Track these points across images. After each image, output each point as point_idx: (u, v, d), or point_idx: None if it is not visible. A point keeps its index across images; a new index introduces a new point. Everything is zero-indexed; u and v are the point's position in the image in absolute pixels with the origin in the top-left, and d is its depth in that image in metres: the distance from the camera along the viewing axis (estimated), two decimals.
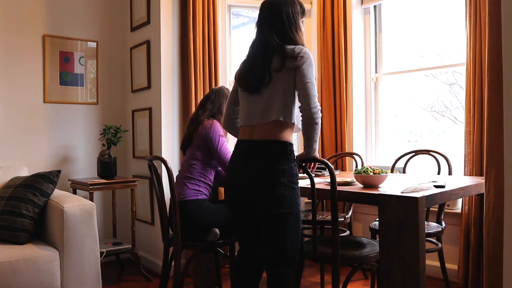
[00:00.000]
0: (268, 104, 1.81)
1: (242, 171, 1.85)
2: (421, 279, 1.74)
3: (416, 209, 1.74)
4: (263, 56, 1.82)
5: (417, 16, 3.46)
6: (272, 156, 1.77)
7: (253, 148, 1.83)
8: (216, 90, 2.70)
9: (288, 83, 1.80)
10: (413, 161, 3.04)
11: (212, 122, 2.51)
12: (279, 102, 1.80)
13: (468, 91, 2.77)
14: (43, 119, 3.33)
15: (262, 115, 1.82)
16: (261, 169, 1.78)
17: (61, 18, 3.41)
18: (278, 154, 1.78)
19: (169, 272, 2.46)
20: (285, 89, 1.80)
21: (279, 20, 1.85)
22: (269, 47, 1.81)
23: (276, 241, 1.79)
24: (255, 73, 1.83)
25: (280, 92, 1.80)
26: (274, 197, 1.76)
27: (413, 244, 1.74)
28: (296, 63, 1.77)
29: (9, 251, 2.25)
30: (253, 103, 1.86)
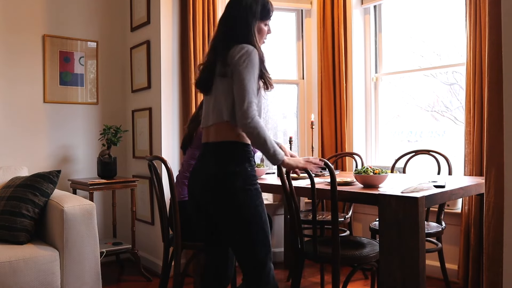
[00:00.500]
0: (217, 104, 1.73)
1: (196, 175, 1.78)
2: (421, 279, 1.74)
3: (416, 209, 1.74)
4: (209, 57, 1.78)
5: (417, 16, 3.46)
6: (222, 159, 1.69)
7: (207, 150, 1.77)
8: None
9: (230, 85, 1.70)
10: (413, 161, 3.04)
11: None
12: (227, 102, 1.70)
13: (468, 91, 2.77)
14: (43, 119, 3.32)
15: (214, 116, 1.74)
16: (212, 173, 1.70)
17: (61, 18, 3.41)
18: (229, 156, 1.69)
19: (169, 272, 2.46)
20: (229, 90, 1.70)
21: (231, 17, 1.77)
22: (215, 49, 1.76)
23: (240, 247, 1.72)
24: (202, 75, 1.80)
25: (227, 92, 1.70)
26: (229, 203, 1.68)
27: (413, 244, 1.74)
28: (233, 65, 1.66)
29: (9, 251, 2.25)
30: (207, 103, 1.81)
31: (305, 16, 3.79)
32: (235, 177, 1.67)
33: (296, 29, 3.81)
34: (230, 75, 1.67)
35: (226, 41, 1.72)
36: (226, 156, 1.70)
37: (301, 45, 3.81)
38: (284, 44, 3.85)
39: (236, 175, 1.67)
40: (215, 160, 1.71)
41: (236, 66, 1.64)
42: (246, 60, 1.64)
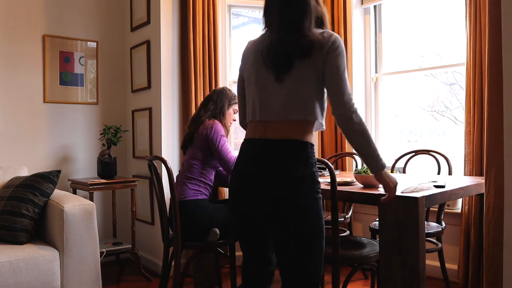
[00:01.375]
0: (290, 97, 1.50)
1: (252, 177, 1.53)
2: (421, 279, 1.74)
3: (416, 209, 1.74)
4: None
5: (417, 16, 3.46)
6: (291, 160, 1.48)
7: (267, 149, 1.52)
8: (218, 90, 2.70)
9: (314, 74, 1.50)
10: (413, 161, 3.04)
11: (214, 122, 2.51)
12: (303, 95, 1.50)
13: (468, 91, 2.77)
14: (43, 119, 3.32)
15: (282, 110, 1.51)
16: (277, 175, 1.48)
17: (61, 18, 3.41)
18: (298, 157, 1.49)
19: (169, 272, 2.46)
20: (310, 80, 1.50)
21: None
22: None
23: (297, 261, 1.51)
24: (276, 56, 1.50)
25: (305, 84, 1.49)
26: (295, 209, 1.47)
27: (413, 244, 1.74)
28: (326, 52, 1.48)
29: (9, 251, 2.25)
30: (280, 91, 1.51)
31: None
32: (306, 181, 1.49)
33: None
34: (321, 65, 1.48)
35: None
36: (295, 157, 1.49)
37: None
38: None
39: (306, 179, 1.49)
40: (282, 160, 1.49)
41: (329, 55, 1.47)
42: (339, 49, 1.49)
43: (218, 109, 2.61)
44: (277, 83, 1.51)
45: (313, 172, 1.51)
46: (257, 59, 1.56)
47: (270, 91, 1.53)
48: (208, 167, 2.53)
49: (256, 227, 1.59)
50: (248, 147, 1.58)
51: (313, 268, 1.53)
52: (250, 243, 1.63)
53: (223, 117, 2.61)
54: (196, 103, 3.20)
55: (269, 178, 1.50)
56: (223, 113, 2.62)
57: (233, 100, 2.68)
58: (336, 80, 1.49)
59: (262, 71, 1.54)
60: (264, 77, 1.54)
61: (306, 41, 1.47)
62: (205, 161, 2.51)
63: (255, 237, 1.61)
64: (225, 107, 2.63)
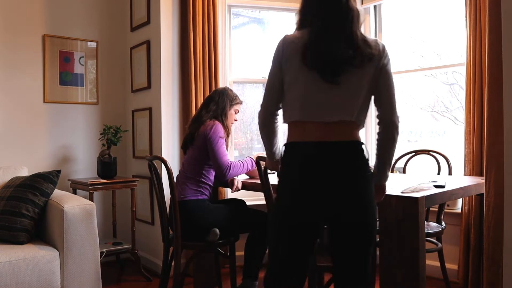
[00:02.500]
0: (345, 101, 1.50)
1: (317, 179, 1.47)
2: (421, 279, 1.74)
3: (416, 209, 1.74)
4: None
5: (417, 16, 3.46)
6: (358, 161, 1.49)
7: (332, 151, 1.48)
8: (220, 90, 2.69)
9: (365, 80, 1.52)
10: (413, 161, 3.04)
11: (214, 123, 2.51)
12: (356, 99, 1.51)
13: (468, 91, 2.77)
14: (43, 119, 3.32)
15: (339, 112, 1.49)
16: (342, 176, 1.47)
17: (61, 18, 3.41)
18: (362, 158, 1.51)
19: (169, 272, 2.46)
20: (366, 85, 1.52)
21: None
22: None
23: (358, 256, 1.52)
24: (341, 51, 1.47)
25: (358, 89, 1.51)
26: (364, 207, 1.48)
27: (413, 244, 1.74)
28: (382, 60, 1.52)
29: (9, 251, 2.25)
30: (329, 92, 1.49)
31: None
32: (370, 181, 1.51)
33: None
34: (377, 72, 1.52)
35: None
36: (358, 159, 1.50)
37: None
38: None
39: (369, 180, 1.51)
40: (350, 162, 1.49)
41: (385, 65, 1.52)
42: (388, 57, 1.54)
43: (219, 110, 2.61)
44: (330, 86, 1.48)
45: (372, 173, 1.56)
46: (305, 60, 1.50)
47: (324, 94, 1.49)
48: (208, 167, 2.53)
49: (312, 229, 1.53)
50: (306, 150, 1.51)
51: (368, 268, 1.56)
52: (299, 244, 1.54)
53: (225, 117, 2.61)
54: (196, 103, 3.20)
55: (334, 180, 1.47)
56: (225, 114, 2.61)
57: (235, 100, 2.67)
58: (390, 88, 1.56)
59: (312, 73, 1.49)
60: (314, 79, 1.49)
61: (359, 50, 1.47)
62: (205, 161, 2.51)
63: (307, 239, 1.54)
64: (227, 107, 2.63)
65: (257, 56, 3.81)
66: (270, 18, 3.91)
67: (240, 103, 2.71)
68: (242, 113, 3.58)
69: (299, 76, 1.51)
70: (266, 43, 3.85)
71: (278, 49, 1.58)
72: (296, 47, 1.52)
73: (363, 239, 1.51)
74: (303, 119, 1.52)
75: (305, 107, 1.51)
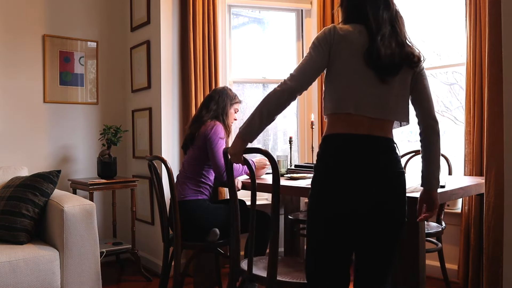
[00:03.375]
0: (397, 99, 1.56)
1: (366, 173, 1.50)
2: (421, 279, 1.74)
3: (416, 209, 1.74)
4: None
5: (417, 16, 3.46)
6: (397, 158, 1.54)
7: (378, 146, 1.52)
8: (219, 90, 2.70)
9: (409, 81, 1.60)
10: (413, 161, 3.04)
11: (215, 124, 2.51)
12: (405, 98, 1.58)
13: (468, 91, 2.77)
14: (43, 119, 3.32)
15: (390, 110, 1.55)
16: (390, 173, 1.51)
17: (61, 18, 3.41)
18: (397, 155, 1.55)
19: (169, 272, 2.46)
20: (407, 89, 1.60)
21: None
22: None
23: (384, 253, 1.55)
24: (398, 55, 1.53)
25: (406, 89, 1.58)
26: (401, 203, 1.53)
27: (413, 244, 1.74)
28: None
29: (9, 251, 2.25)
30: (384, 91, 1.53)
31: (305, 16, 3.79)
32: (403, 179, 1.55)
33: (296, 29, 3.81)
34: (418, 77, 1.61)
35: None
36: (396, 156, 1.55)
37: (301, 45, 3.81)
38: (284, 44, 3.85)
39: (403, 177, 1.55)
40: (392, 158, 1.53)
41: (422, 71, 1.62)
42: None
43: (220, 109, 2.61)
44: (383, 84, 1.53)
45: (404, 172, 1.58)
46: (359, 54, 1.52)
47: (377, 90, 1.53)
48: (208, 168, 2.53)
49: (355, 223, 1.53)
50: (352, 143, 1.52)
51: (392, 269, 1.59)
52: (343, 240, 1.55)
53: (226, 116, 2.62)
54: (196, 103, 3.20)
55: (376, 175, 1.50)
56: (226, 113, 2.62)
57: (234, 100, 2.68)
58: (429, 92, 1.61)
59: (364, 69, 1.52)
60: (367, 75, 1.52)
61: (414, 54, 1.57)
62: (205, 161, 2.51)
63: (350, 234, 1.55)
64: (227, 107, 2.63)
65: (257, 56, 3.81)
66: (270, 18, 3.91)
67: (240, 102, 2.72)
68: (242, 112, 3.58)
69: (355, 70, 1.53)
70: (266, 43, 3.85)
71: (328, 35, 1.56)
72: (351, 42, 1.54)
73: (391, 233, 1.53)
74: (356, 112, 1.52)
75: (360, 101, 1.52)
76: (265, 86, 3.80)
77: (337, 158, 1.52)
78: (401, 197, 1.53)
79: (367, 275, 1.58)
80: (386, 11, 1.57)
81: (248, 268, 1.84)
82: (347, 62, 1.54)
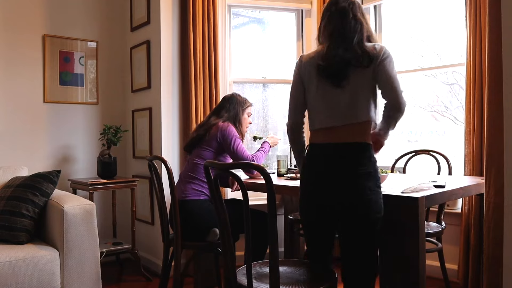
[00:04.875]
0: (352, 101, 1.72)
1: (324, 176, 1.73)
2: (421, 279, 1.74)
3: (416, 209, 1.74)
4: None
5: (417, 16, 3.46)
6: (359, 160, 1.69)
7: (339, 152, 1.72)
8: (228, 97, 2.70)
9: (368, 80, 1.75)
10: (413, 161, 3.04)
11: (228, 125, 2.54)
12: (362, 98, 1.73)
13: (468, 91, 2.77)
14: (43, 119, 3.32)
15: (347, 113, 1.73)
16: (350, 175, 1.68)
17: (61, 18, 3.41)
18: (363, 157, 1.70)
19: (169, 272, 2.46)
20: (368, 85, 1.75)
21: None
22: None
23: (361, 248, 1.72)
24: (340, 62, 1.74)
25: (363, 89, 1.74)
26: (362, 201, 1.67)
27: (413, 244, 1.74)
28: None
29: (9, 251, 2.25)
30: (341, 96, 1.73)
31: (305, 16, 3.79)
32: (370, 178, 1.68)
33: (296, 29, 3.81)
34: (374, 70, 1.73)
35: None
36: (361, 158, 1.70)
37: (301, 45, 3.81)
38: (284, 44, 3.85)
39: (370, 176, 1.68)
40: (349, 161, 1.69)
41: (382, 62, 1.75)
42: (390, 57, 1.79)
43: (232, 117, 2.61)
44: (338, 88, 1.73)
45: (376, 169, 1.72)
46: (318, 71, 1.77)
47: (335, 97, 1.74)
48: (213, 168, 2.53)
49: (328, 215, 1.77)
50: (320, 151, 1.78)
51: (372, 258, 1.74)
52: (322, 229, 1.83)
53: (239, 124, 2.63)
54: (196, 103, 3.20)
55: (340, 176, 1.70)
56: (239, 120, 2.62)
57: (245, 105, 2.69)
58: (391, 82, 1.76)
59: (322, 81, 1.76)
60: (324, 86, 1.76)
61: (361, 53, 1.72)
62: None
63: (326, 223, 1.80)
64: (239, 114, 2.63)
65: (257, 56, 3.81)
66: (270, 18, 3.91)
67: (251, 105, 2.75)
68: None
69: (317, 86, 1.78)
70: (266, 43, 3.85)
71: (298, 68, 1.87)
72: (312, 64, 1.80)
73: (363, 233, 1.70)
74: (320, 127, 1.79)
75: (323, 117, 1.77)
76: (265, 86, 3.80)
77: (309, 164, 1.81)
78: (362, 195, 1.67)
79: (347, 267, 1.76)
80: (339, 23, 1.78)
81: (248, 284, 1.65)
82: (311, 82, 1.80)
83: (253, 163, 1.71)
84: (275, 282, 1.55)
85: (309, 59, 1.83)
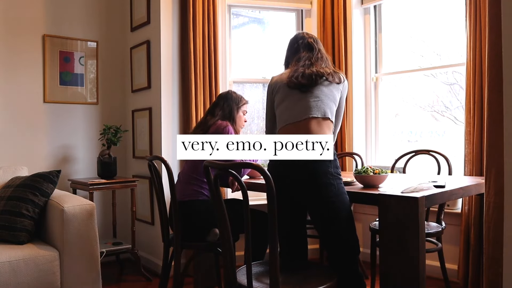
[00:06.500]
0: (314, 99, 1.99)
1: (287, 166, 1.94)
2: (421, 279, 1.74)
3: (416, 209, 1.74)
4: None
5: (417, 16, 3.46)
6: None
7: None
8: (223, 95, 2.68)
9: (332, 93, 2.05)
10: (413, 161, 3.04)
11: (227, 124, 2.52)
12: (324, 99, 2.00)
13: (468, 91, 2.77)
14: (43, 119, 3.32)
15: (308, 109, 1.97)
16: (307, 163, 1.89)
17: (61, 18, 3.41)
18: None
19: (169, 272, 2.46)
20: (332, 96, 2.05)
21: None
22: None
23: (331, 231, 1.91)
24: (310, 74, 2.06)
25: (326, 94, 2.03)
26: (322, 186, 1.87)
27: (413, 244, 1.74)
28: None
29: (9, 251, 2.25)
30: (307, 97, 2.00)
31: (305, 16, 3.80)
32: (329, 165, 1.90)
33: (296, 29, 3.81)
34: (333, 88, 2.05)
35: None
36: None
37: None
38: (284, 44, 3.84)
39: (330, 163, 1.90)
40: None
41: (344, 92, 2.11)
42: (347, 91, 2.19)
43: (226, 115, 2.58)
44: (305, 93, 2.00)
45: (335, 159, 1.96)
46: (287, 85, 2.06)
47: (296, 99, 2.01)
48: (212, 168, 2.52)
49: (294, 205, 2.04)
50: None
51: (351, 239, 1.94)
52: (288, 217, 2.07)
53: (234, 122, 2.59)
54: (196, 103, 3.20)
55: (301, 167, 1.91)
56: (233, 118, 2.59)
57: (241, 102, 2.66)
58: (340, 110, 2.12)
59: (290, 91, 2.05)
60: (291, 93, 2.04)
61: (331, 72, 2.05)
62: None
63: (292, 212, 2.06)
64: (234, 111, 2.60)
65: (257, 56, 3.81)
66: (270, 18, 3.91)
67: (247, 103, 2.70)
68: None
69: (281, 98, 2.07)
70: (266, 43, 3.85)
71: (269, 88, 2.18)
72: (282, 79, 2.11)
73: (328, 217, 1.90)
74: (285, 124, 2.02)
75: (285, 115, 2.02)
76: (265, 86, 3.80)
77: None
78: (316, 179, 1.88)
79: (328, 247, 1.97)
80: (307, 53, 2.14)
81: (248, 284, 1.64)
82: (280, 96, 2.07)
83: (253, 163, 1.70)
84: (275, 282, 1.55)
85: (279, 77, 2.13)
